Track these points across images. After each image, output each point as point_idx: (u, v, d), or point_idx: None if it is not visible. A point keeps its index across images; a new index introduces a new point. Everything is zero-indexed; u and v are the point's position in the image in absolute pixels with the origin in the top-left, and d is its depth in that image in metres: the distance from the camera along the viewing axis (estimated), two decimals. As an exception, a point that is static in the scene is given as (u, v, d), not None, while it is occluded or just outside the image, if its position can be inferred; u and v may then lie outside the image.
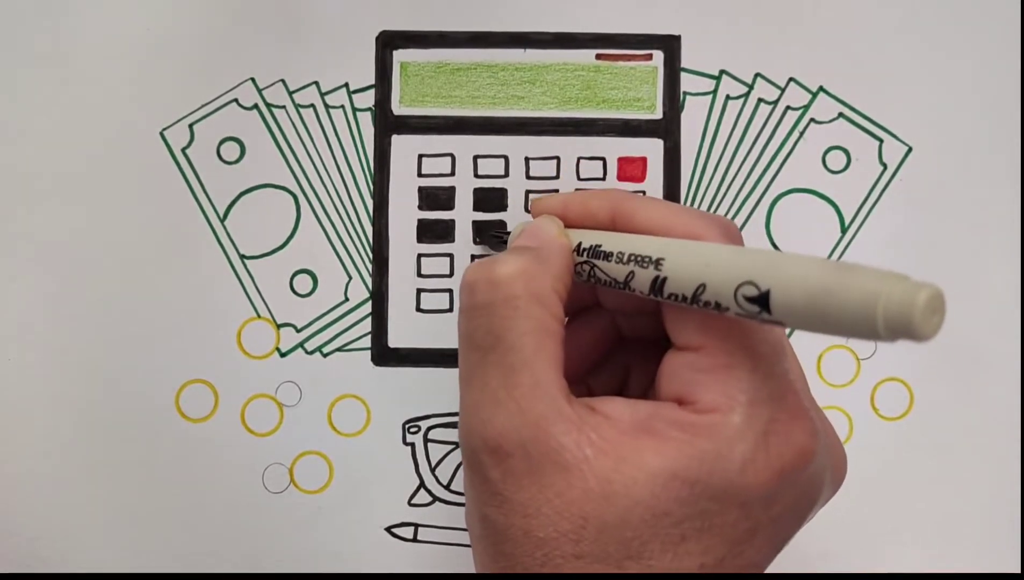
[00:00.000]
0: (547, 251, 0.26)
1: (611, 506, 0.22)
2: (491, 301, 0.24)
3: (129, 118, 0.34)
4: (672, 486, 0.22)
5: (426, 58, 0.34)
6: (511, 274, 0.24)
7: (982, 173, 0.34)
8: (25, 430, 0.34)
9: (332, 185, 0.34)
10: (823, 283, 0.20)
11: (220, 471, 0.33)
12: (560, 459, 0.23)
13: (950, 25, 0.34)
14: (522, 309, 0.24)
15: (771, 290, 0.21)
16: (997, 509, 0.33)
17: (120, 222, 0.34)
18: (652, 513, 0.22)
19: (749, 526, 0.23)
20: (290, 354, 0.34)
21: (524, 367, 0.24)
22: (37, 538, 0.33)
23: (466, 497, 0.26)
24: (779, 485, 0.23)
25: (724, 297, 0.22)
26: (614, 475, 0.23)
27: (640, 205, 0.27)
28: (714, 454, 0.23)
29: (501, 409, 0.23)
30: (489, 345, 0.24)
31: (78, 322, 0.34)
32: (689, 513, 0.23)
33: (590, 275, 0.26)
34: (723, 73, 0.34)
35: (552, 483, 0.23)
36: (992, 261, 0.34)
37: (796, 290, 0.21)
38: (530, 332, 0.24)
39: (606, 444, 0.23)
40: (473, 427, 0.24)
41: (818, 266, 0.21)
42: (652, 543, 0.23)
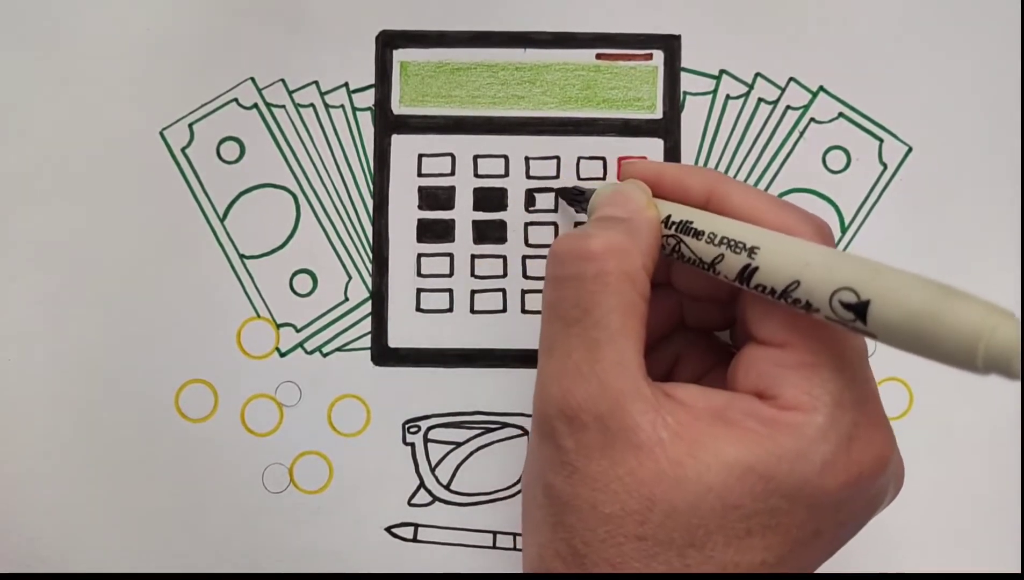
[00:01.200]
0: (638, 225, 0.26)
1: (682, 491, 0.22)
2: (580, 273, 0.24)
3: (129, 118, 0.34)
4: (747, 479, 0.22)
5: (426, 58, 0.34)
6: (603, 248, 0.24)
7: (982, 173, 0.34)
8: (25, 430, 0.34)
9: (332, 185, 0.34)
10: (929, 306, 0.20)
11: (220, 471, 0.33)
12: (635, 438, 0.23)
13: (950, 25, 0.34)
14: (612, 285, 0.24)
15: (872, 301, 0.21)
16: (997, 509, 0.33)
17: (120, 222, 0.34)
18: (723, 503, 0.22)
19: (815, 528, 0.23)
20: (290, 354, 0.34)
21: (609, 343, 0.24)
22: (37, 538, 0.33)
23: (529, 463, 0.26)
24: (854, 490, 0.23)
25: (818, 298, 0.22)
26: (688, 460, 0.22)
27: (736, 189, 0.26)
28: (795, 452, 0.22)
29: (582, 381, 0.23)
30: (575, 318, 0.24)
31: (78, 322, 0.34)
32: (759, 508, 0.22)
33: (674, 250, 0.26)
34: (723, 73, 0.34)
35: (624, 460, 0.23)
36: (992, 261, 0.34)
37: (899, 307, 0.20)
38: (617, 309, 0.24)
39: (682, 428, 0.23)
40: (552, 394, 0.24)
41: (924, 286, 0.20)
42: (717, 534, 0.22)
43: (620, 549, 0.23)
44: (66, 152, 0.34)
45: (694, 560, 0.22)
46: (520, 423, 0.34)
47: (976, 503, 0.33)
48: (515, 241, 0.34)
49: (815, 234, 0.25)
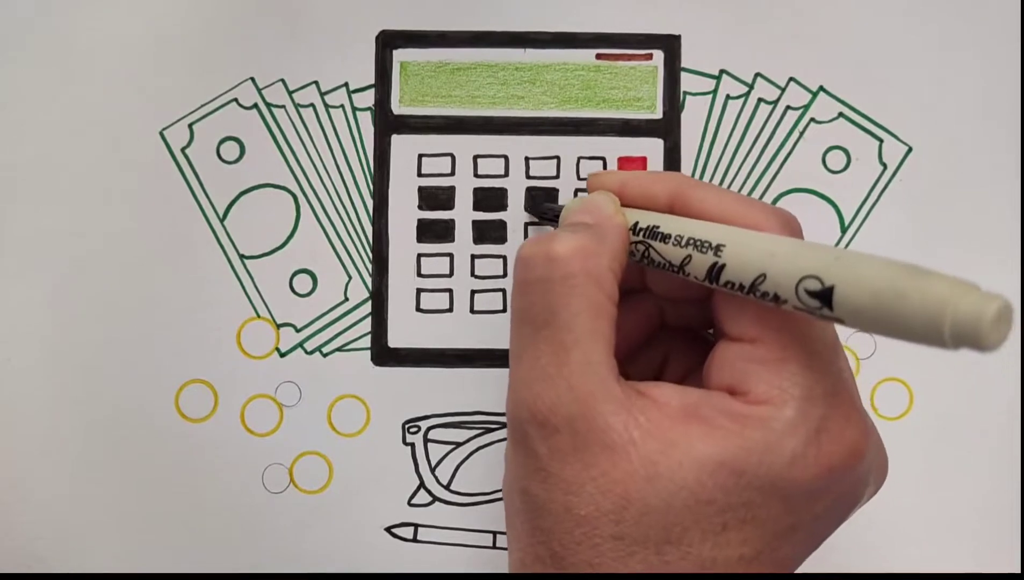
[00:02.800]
0: (604, 229, 0.26)
1: (655, 489, 0.22)
2: (547, 277, 0.24)
3: (129, 118, 0.34)
4: (719, 474, 0.22)
5: (426, 58, 0.34)
6: (569, 251, 0.24)
7: (982, 173, 0.34)
8: (25, 430, 0.34)
9: (332, 185, 0.34)
10: (892, 285, 0.20)
11: (220, 471, 0.33)
12: (607, 439, 0.23)
13: (950, 25, 0.34)
14: (578, 287, 0.24)
15: (835, 286, 0.21)
16: (997, 509, 0.33)
17: (120, 222, 0.34)
18: (696, 499, 0.22)
19: (791, 522, 0.23)
20: (290, 354, 0.34)
21: (576, 345, 0.24)
22: (37, 538, 0.33)
23: (507, 470, 0.26)
24: (826, 483, 0.23)
25: (784, 289, 0.22)
26: (660, 458, 0.23)
27: (701, 191, 0.26)
28: (763, 446, 0.23)
29: (551, 385, 0.23)
30: (543, 321, 0.24)
31: (78, 322, 0.34)
32: (733, 503, 0.23)
33: (644, 256, 0.26)
34: (723, 73, 0.34)
35: (597, 462, 0.23)
36: (992, 261, 0.34)
37: (863, 289, 0.20)
38: (585, 310, 0.24)
39: (653, 427, 0.23)
40: (522, 399, 0.24)
41: (887, 267, 0.20)
42: (693, 530, 0.23)
43: (597, 550, 0.23)
44: (66, 152, 0.34)
45: (672, 556, 0.23)
46: (520, 423, 0.34)
47: (976, 503, 0.33)
48: (515, 241, 0.34)
49: (781, 227, 0.25)
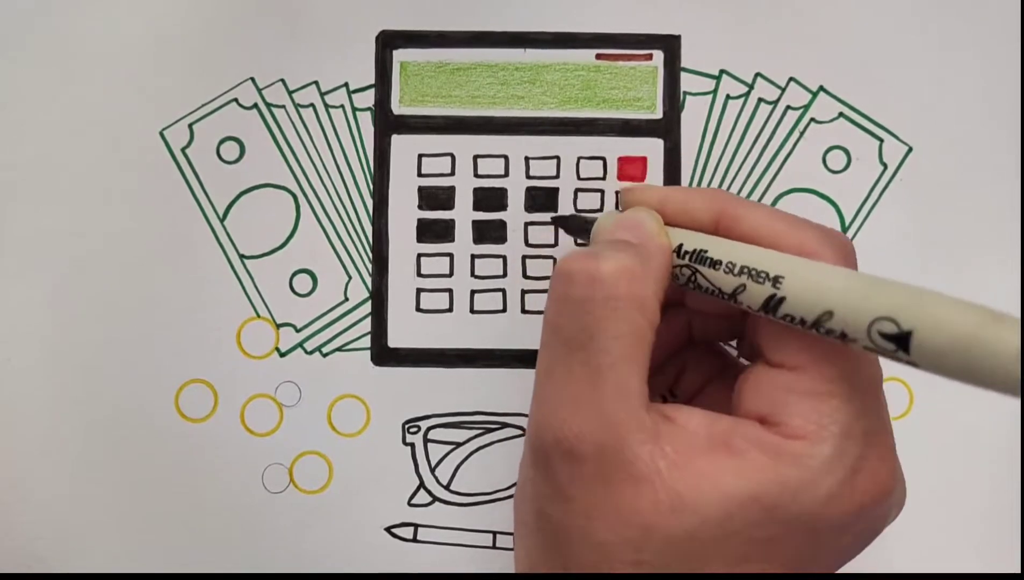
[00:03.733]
0: (649, 250, 0.25)
1: (679, 521, 0.22)
2: (589, 296, 0.23)
3: (129, 118, 0.34)
4: (749, 509, 0.22)
5: (426, 58, 0.34)
6: (614, 273, 0.23)
7: (982, 173, 0.34)
8: (25, 430, 0.34)
9: (332, 185, 0.34)
10: (974, 332, 0.19)
11: (219, 471, 0.33)
12: (633, 469, 0.22)
13: (950, 25, 0.34)
14: (621, 311, 0.23)
15: (914, 331, 0.20)
16: (997, 509, 0.33)
17: (120, 222, 0.34)
18: (722, 531, 0.22)
19: (813, 552, 0.23)
20: (290, 354, 0.34)
21: (611, 370, 0.23)
22: (37, 538, 0.33)
23: (521, 488, 0.25)
24: (855, 520, 0.23)
25: (855, 329, 0.21)
26: (686, 491, 0.22)
27: (748, 211, 0.25)
28: (798, 483, 0.22)
29: (581, 411, 0.23)
30: (579, 342, 0.23)
31: (78, 322, 0.34)
32: (758, 536, 0.22)
33: (690, 280, 0.25)
34: (723, 73, 0.34)
35: (622, 491, 0.22)
36: (992, 261, 0.34)
37: (943, 334, 0.20)
38: (625, 335, 0.23)
39: (680, 458, 0.22)
40: (549, 422, 0.23)
41: (967, 312, 0.20)
42: (715, 561, 0.22)
43: (614, 574, 0.22)
44: (66, 152, 0.34)
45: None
46: (520, 423, 0.34)
47: (976, 503, 0.33)
48: (515, 241, 0.34)
49: (838, 255, 0.24)
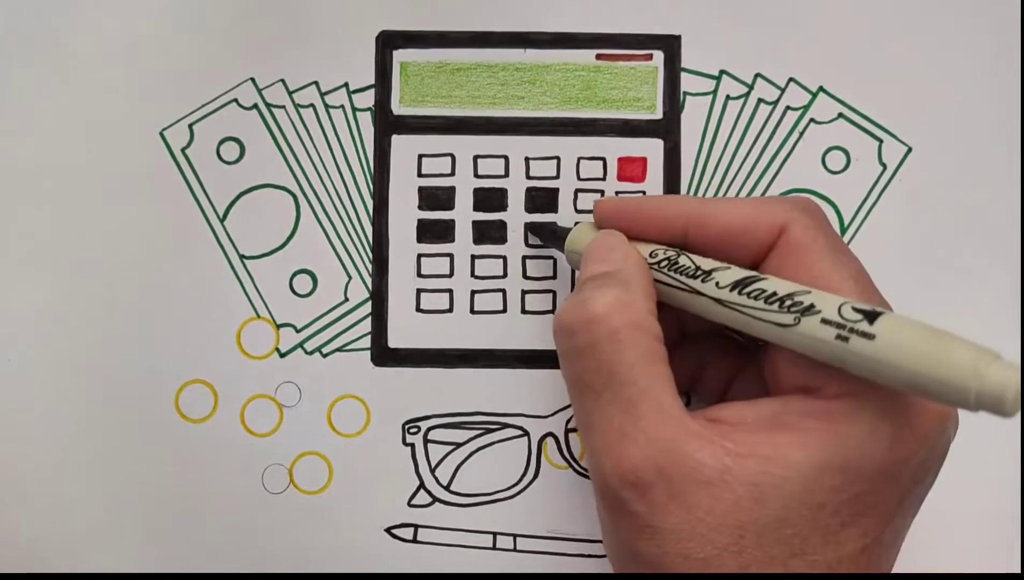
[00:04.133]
0: (627, 272, 0.26)
1: (765, 508, 0.22)
2: (593, 340, 0.24)
3: (129, 118, 0.34)
4: (824, 477, 0.22)
5: (426, 58, 0.34)
6: (606, 308, 0.24)
7: (982, 173, 0.34)
8: (25, 430, 0.34)
9: (332, 185, 0.34)
10: (930, 340, 0.20)
11: (219, 472, 0.33)
12: (701, 475, 0.22)
13: (950, 25, 0.34)
14: (626, 340, 0.24)
15: (885, 313, 0.21)
16: (997, 509, 0.33)
17: (120, 222, 0.34)
18: (808, 507, 0.22)
19: (900, 496, 0.23)
20: (290, 354, 0.34)
21: (643, 396, 0.23)
22: (37, 538, 0.33)
23: (608, 537, 0.25)
24: (923, 451, 0.23)
25: (827, 302, 0.22)
26: (761, 477, 0.22)
27: (715, 206, 0.26)
28: (860, 438, 0.22)
29: (631, 443, 0.23)
30: (602, 384, 0.24)
31: (78, 322, 0.34)
32: (845, 499, 0.22)
33: (669, 271, 0.26)
34: (723, 73, 0.34)
35: (699, 502, 0.22)
36: (992, 261, 0.34)
37: (913, 326, 0.21)
38: (639, 361, 0.24)
39: (743, 448, 0.23)
40: (606, 467, 0.24)
41: (924, 327, 0.21)
42: (812, 537, 0.22)
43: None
44: (66, 152, 0.34)
45: (799, 566, 0.22)
46: (520, 423, 0.34)
47: (976, 503, 0.33)
48: (515, 241, 0.34)
49: (812, 220, 0.25)
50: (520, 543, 0.33)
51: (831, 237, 0.26)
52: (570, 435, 0.34)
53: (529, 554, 0.33)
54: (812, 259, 0.25)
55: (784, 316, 0.23)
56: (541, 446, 0.34)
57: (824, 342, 0.22)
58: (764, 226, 0.26)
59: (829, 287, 0.24)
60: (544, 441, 0.34)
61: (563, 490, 0.34)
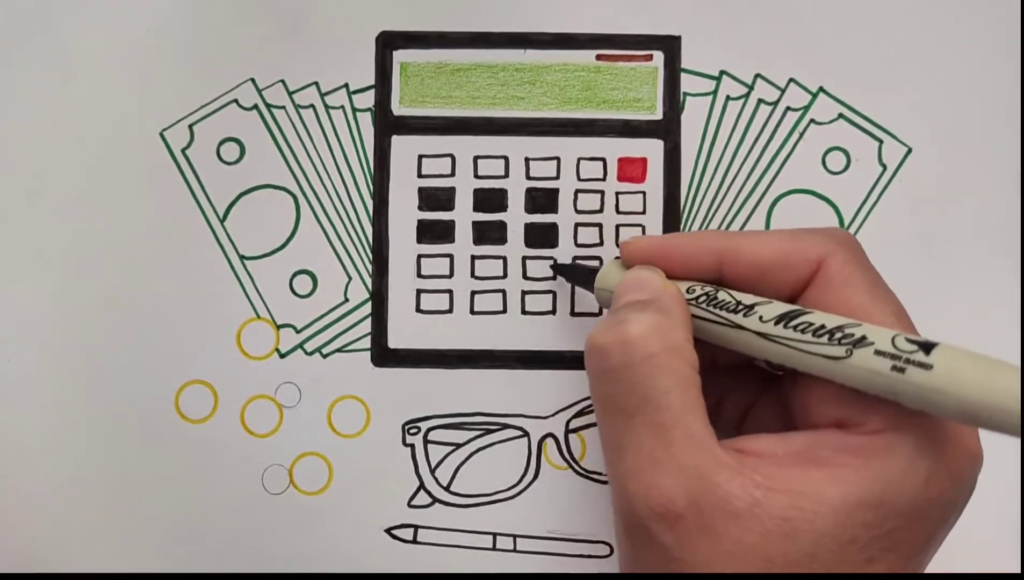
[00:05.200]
0: (665, 301, 0.25)
1: (795, 543, 0.22)
2: (629, 362, 0.24)
3: (129, 118, 0.34)
4: (857, 513, 0.22)
5: (426, 58, 0.34)
6: (645, 331, 0.24)
7: (982, 173, 0.34)
8: (25, 430, 0.34)
9: (332, 186, 0.34)
10: (983, 377, 0.20)
11: (219, 472, 0.33)
12: (731, 508, 0.22)
13: (950, 25, 0.34)
14: (663, 365, 0.24)
15: (941, 343, 0.21)
16: (997, 509, 0.33)
17: (120, 222, 0.34)
18: (839, 543, 0.22)
19: (927, 534, 0.23)
20: (290, 355, 0.34)
21: (676, 423, 0.23)
22: (36, 538, 0.33)
23: (627, 562, 0.25)
24: (955, 491, 0.23)
25: (879, 335, 0.22)
26: (792, 512, 0.22)
27: (749, 241, 0.26)
28: (897, 474, 0.22)
29: (662, 470, 0.23)
30: (635, 406, 0.24)
31: (78, 322, 0.34)
32: (876, 535, 0.22)
33: (708, 306, 0.26)
34: (723, 74, 0.34)
35: (728, 534, 0.22)
36: (992, 261, 0.34)
37: (967, 356, 0.21)
38: (675, 387, 0.23)
39: (773, 482, 0.22)
40: (636, 494, 0.23)
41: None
42: (841, 570, 0.22)
43: None
44: (66, 152, 0.34)
45: None
46: (520, 424, 0.34)
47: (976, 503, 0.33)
48: (515, 242, 0.34)
49: (849, 254, 0.25)
50: (520, 544, 0.33)
51: (869, 272, 0.25)
52: (570, 436, 0.34)
53: (529, 555, 0.33)
54: (851, 293, 0.25)
55: (835, 349, 0.22)
56: (541, 447, 0.34)
57: (879, 374, 0.22)
58: (801, 260, 0.25)
59: (871, 321, 0.23)
60: (544, 442, 0.34)
61: (563, 491, 0.34)
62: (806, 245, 0.25)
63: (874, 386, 0.22)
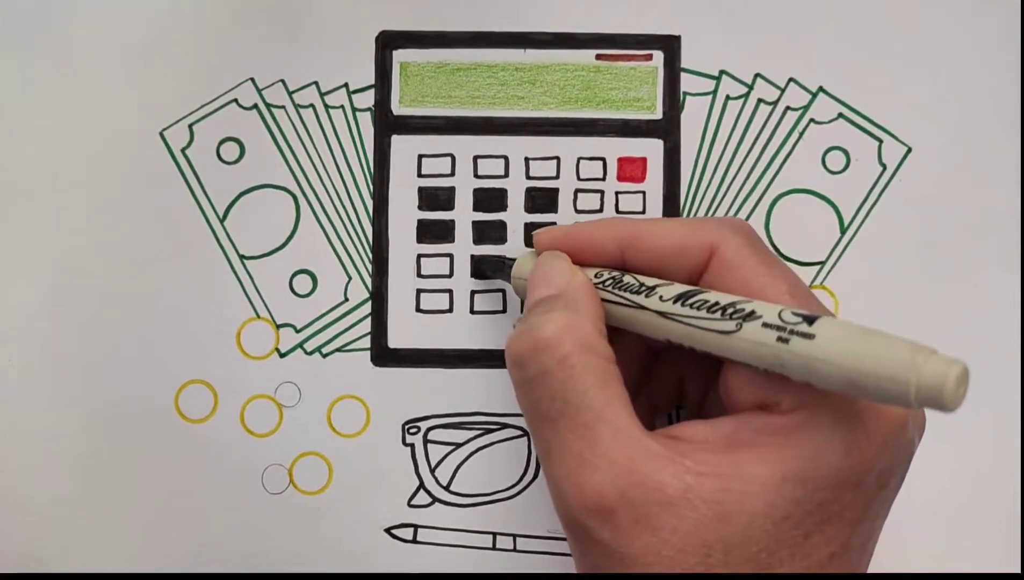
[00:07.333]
0: (573, 294, 0.26)
1: (729, 526, 0.22)
2: (545, 368, 0.24)
3: (129, 118, 0.34)
4: (784, 490, 0.22)
5: (426, 58, 0.34)
6: (554, 333, 0.24)
7: (982, 173, 0.34)
8: (25, 430, 0.34)
9: (332, 185, 0.34)
10: (863, 345, 0.21)
11: (219, 472, 0.33)
12: (664, 496, 0.22)
13: (950, 25, 0.34)
14: (577, 366, 0.24)
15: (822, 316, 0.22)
16: (997, 509, 0.33)
17: (120, 222, 0.34)
18: (772, 521, 0.22)
19: (865, 502, 0.24)
20: (289, 354, 0.34)
21: (599, 420, 0.23)
22: (37, 538, 0.33)
23: (578, 563, 0.25)
24: (883, 457, 0.24)
25: (767, 309, 0.23)
26: (723, 495, 0.22)
27: (648, 227, 0.27)
28: (817, 447, 0.23)
29: (591, 469, 0.23)
30: (558, 411, 0.24)
31: (78, 322, 0.34)
32: (808, 510, 0.23)
33: (615, 289, 0.26)
34: (723, 73, 0.34)
35: (663, 523, 0.22)
36: (992, 261, 0.34)
37: (849, 326, 0.21)
38: (593, 385, 0.24)
39: (704, 467, 0.23)
40: (570, 495, 0.23)
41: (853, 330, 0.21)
42: (779, 551, 0.22)
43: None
44: (66, 152, 0.34)
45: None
46: (520, 424, 0.34)
47: (976, 503, 0.33)
48: (515, 242, 0.34)
49: (743, 240, 0.26)
50: (520, 543, 0.33)
51: (763, 253, 0.26)
52: (570, 435, 0.34)
53: (529, 554, 0.33)
54: (746, 276, 0.25)
55: (726, 323, 0.23)
56: (541, 446, 0.34)
57: (764, 345, 0.22)
58: (696, 247, 0.26)
59: (766, 299, 0.24)
60: (544, 441, 0.34)
61: (563, 490, 0.34)
62: (701, 233, 0.26)
63: (761, 359, 0.22)
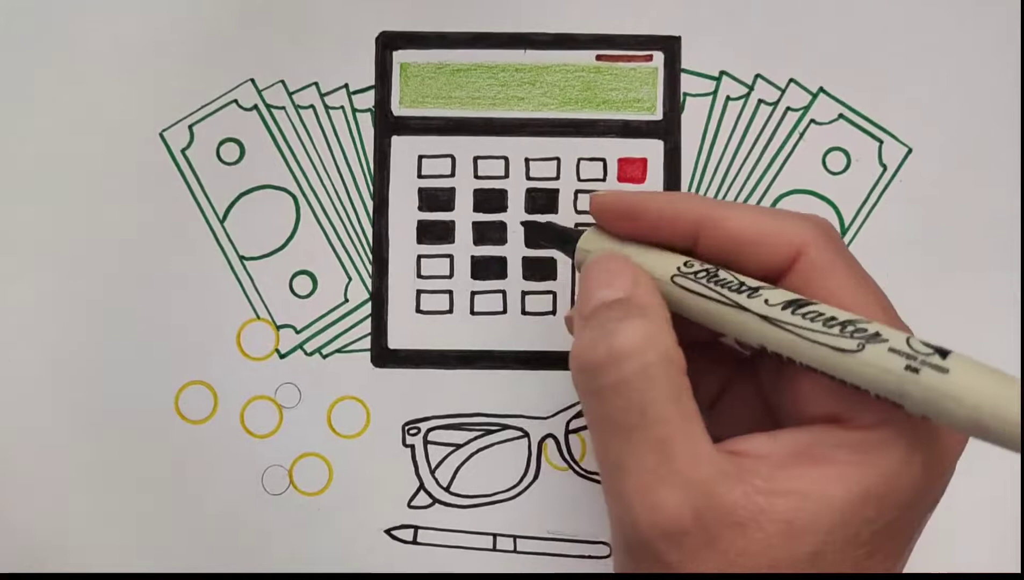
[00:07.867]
0: (642, 299, 0.24)
1: (800, 544, 0.22)
2: (623, 377, 0.23)
3: (129, 118, 0.34)
4: (861, 510, 0.22)
5: (426, 59, 0.34)
6: (636, 342, 0.23)
7: (982, 173, 0.34)
8: (25, 430, 0.34)
9: (332, 186, 0.34)
10: (998, 388, 0.20)
11: (219, 473, 0.33)
12: (735, 517, 0.22)
13: (950, 26, 0.34)
14: (658, 376, 0.23)
15: (953, 351, 0.21)
16: (997, 509, 0.33)
17: (120, 222, 0.34)
18: (843, 540, 0.22)
19: (921, 521, 0.24)
20: (289, 355, 0.34)
21: (677, 436, 0.22)
22: (37, 538, 0.33)
23: (620, 571, 0.24)
24: (946, 479, 0.24)
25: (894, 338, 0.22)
26: (795, 514, 0.22)
27: (732, 212, 0.25)
28: (897, 467, 0.22)
29: (667, 487, 0.22)
30: (633, 423, 0.22)
31: (78, 322, 0.34)
32: (876, 529, 0.22)
33: (709, 277, 0.24)
34: (723, 74, 0.34)
35: (733, 544, 0.22)
36: (992, 261, 0.34)
37: (980, 367, 0.21)
38: (671, 397, 0.22)
39: (774, 484, 0.22)
40: (641, 516, 0.22)
41: None
42: (844, 567, 0.22)
43: None
44: (66, 152, 0.34)
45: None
46: (520, 425, 0.34)
47: (976, 503, 0.33)
48: (515, 242, 0.34)
49: (830, 244, 0.24)
50: (520, 544, 0.33)
51: (852, 263, 0.25)
52: (570, 436, 0.34)
53: (529, 555, 0.33)
54: (835, 285, 0.24)
55: (846, 341, 0.22)
56: (541, 447, 0.34)
57: (890, 372, 0.21)
58: (783, 242, 0.24)
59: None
60: (544, 442, 0.34)
61: (563, 491, 0.34)
62: (789, 228, 0.24)
63: (881, 385, 0.21)
